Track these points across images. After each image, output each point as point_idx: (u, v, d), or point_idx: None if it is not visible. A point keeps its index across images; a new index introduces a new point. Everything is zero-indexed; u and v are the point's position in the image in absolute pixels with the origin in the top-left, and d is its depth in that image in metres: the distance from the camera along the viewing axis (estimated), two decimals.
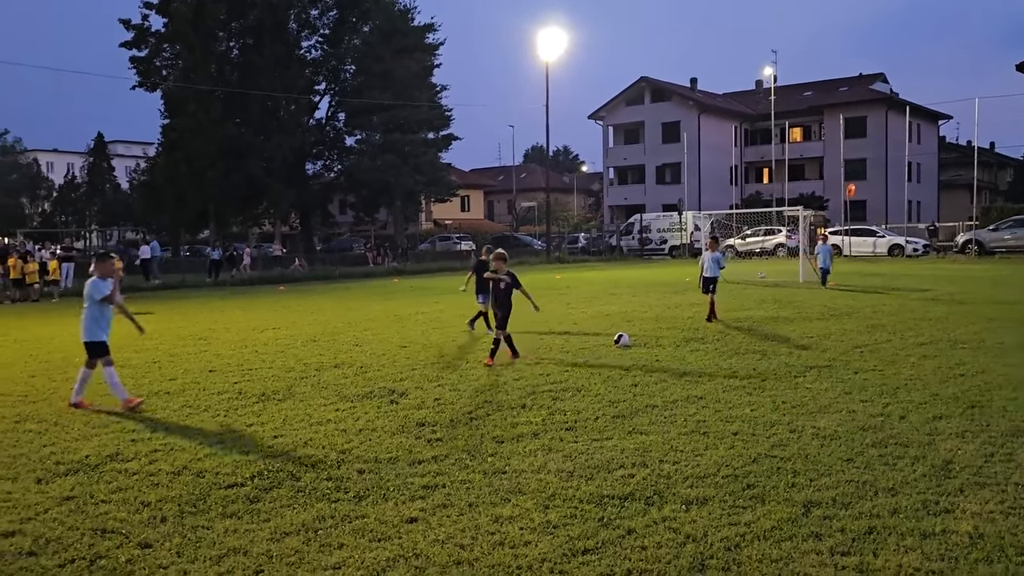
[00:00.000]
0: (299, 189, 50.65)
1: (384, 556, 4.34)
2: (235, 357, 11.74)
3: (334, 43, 53.13)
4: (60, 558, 4.42)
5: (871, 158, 62.99)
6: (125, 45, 49.33)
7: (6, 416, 8.03)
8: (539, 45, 48.69)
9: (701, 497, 5.12)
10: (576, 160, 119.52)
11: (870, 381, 8.69)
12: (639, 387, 8.70)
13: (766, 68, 63.69)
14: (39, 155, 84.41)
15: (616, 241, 55.18)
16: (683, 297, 19.83)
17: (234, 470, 5.95)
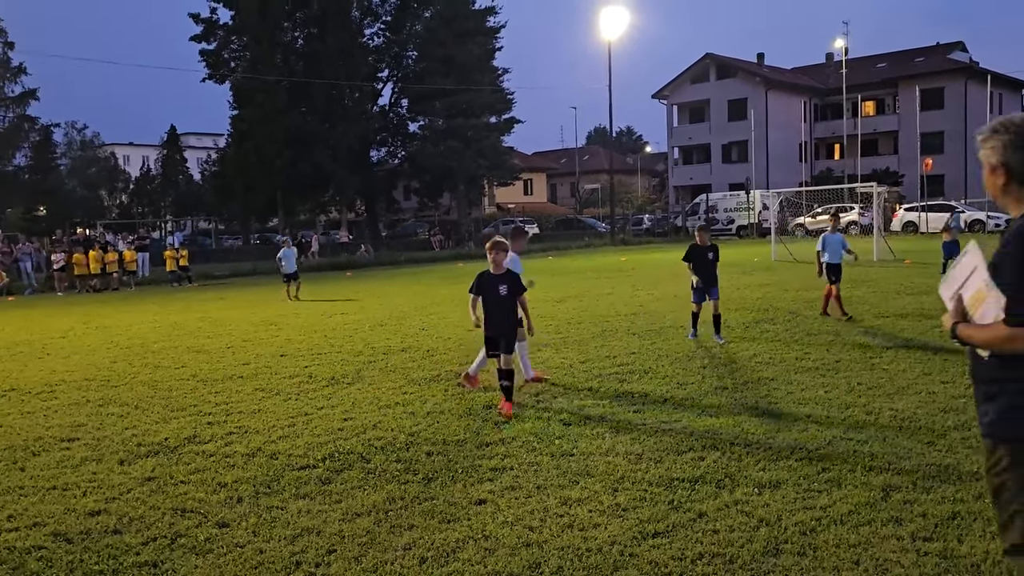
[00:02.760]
0: (364, 176, 51.28)
1: (453, 537, 4.36)
2: (305, 342, 11.97)
3: (396, 30, 53.47)
4: (143, 536, 4.57)
5: (949, 131, 60.58)
6: (195, 39, 50.59)
7: (91, 400, 8.35)
8: (601, 24, 48.14)
9: (774, 480, 5.01)
10: (640, 141, 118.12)
11: (951, 361, 8.38)
12: (707, 369, 8.56)
13: (837, 40, 61.92)
14: (116, 149, 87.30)
15: (682, 222, 54.40)
16: (751, 278, 19.45)
17: (306, 452, 6.07)
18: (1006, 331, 2.51)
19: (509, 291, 7.30)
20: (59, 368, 10.51)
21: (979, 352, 2.71)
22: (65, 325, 15.83)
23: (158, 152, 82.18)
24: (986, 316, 2.60)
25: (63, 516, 4.93)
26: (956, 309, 2.74)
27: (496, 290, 7.28)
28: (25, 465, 6.08)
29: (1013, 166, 2.66)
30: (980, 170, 2.86)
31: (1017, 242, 2.51)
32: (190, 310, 18.09)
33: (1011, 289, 2.50)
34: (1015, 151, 2.66)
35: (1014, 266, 2.51)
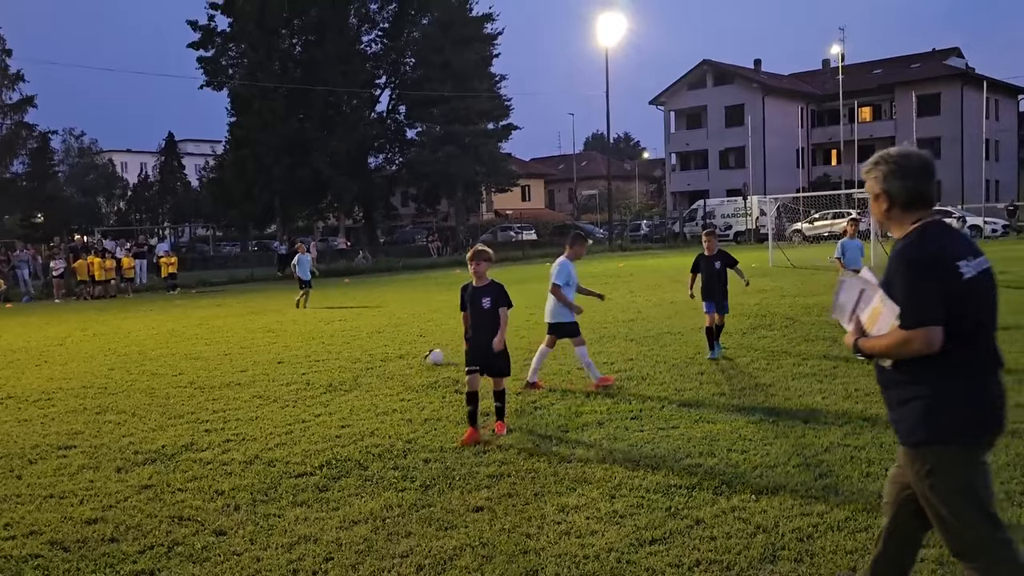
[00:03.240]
0: (362, 182, 51.31)
1: (451, 545, 4.36)
2: (303, 349, 11.97)
3: (394, 36, 53.58)
4: (140, 544, 4.57)
5: (946, 136, 60.72)
6: (192, 46, 50.65)
7: (88, 408, 8.34)
8: (598, 31, 48.26)
9: (771, 486, 5.01)
10: (637, 147, 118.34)
11: None
12: (705, 375, 8.57)
13: (833, 46, 62.10)
14: (114, 155, 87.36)
15: (679, 228, 54.43)
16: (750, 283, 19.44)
17: (303, 459, 6.06)
18: (902, 334, 2.87)
19: (493, 304, 6.63)
20: (56, 375, 10.50)
21: (882, 363, 3.03)
22: (62, 332, 15.82)
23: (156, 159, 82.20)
24: (883, 328, 2.95)
25: (60, 524, 4.93)
26: (856, 328, 3.08)
27: (479, 303, 6.63)
28: (22, 473, 6.07)
29: (893, 193, 3.04)
30: (976, 176, 2.98)
31: (900, 261, 2.92)
32: (188, 317, 18.08)
33: (902, 300, 2.87)
34: (894, 180, 3.04)
35: (901, 281, 2.89)
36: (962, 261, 2.96)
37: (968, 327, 2.94)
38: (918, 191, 3.05)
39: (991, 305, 3.07)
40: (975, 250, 3.07)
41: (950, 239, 3.04)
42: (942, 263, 2.92)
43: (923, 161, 3.11)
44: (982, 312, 3.02)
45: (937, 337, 2.85)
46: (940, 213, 8.47)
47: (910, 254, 2.95)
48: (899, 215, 3.06)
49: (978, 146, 54.87)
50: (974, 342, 2.97)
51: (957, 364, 2.92)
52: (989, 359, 3.04)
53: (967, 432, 2.93)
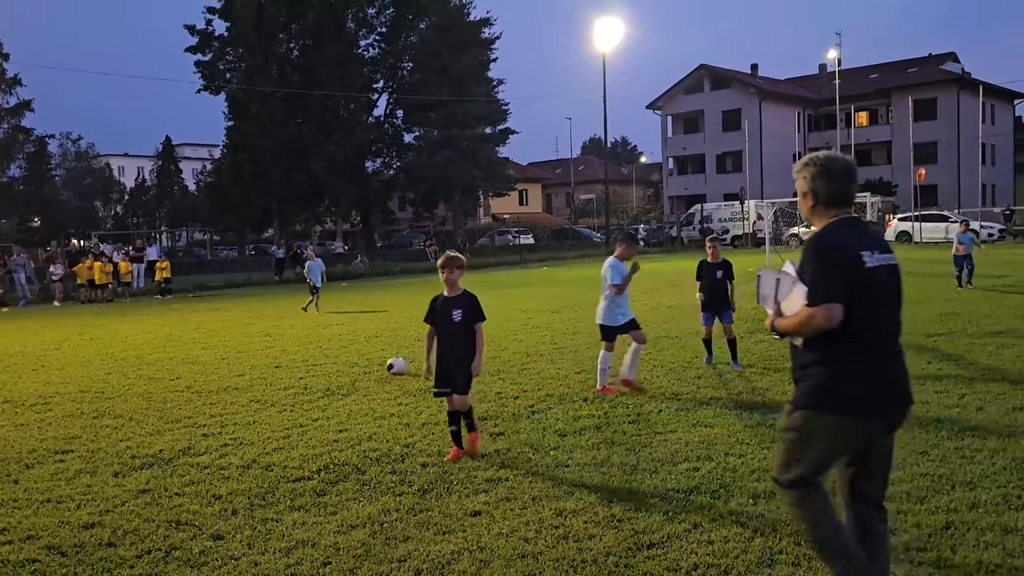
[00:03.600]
0: (359, 186, 51.37)
1: (449, 549, 4.36)
2: (300, 353, 11.96)
3: (391, 41, 53.67)
4: (137, 549, 4.56)
5: (942, 141, 60.86)
6: (190, 50, 50.71)
7: (85, 412, 8.33)
8: (596, 35, 48.32)
9: (769, 491, 5.01)
10: (635, 151, 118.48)
11: (944, 371, 8.41)
12: (702, 380, 8.58)
13: (830, 51, 62.16)
14: (111, 159, 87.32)
15: (676, 232, 54.52)
16: (746, 288, 19.42)
17: (301, 464, 6.06)
18: (806, 311, 3.26)
19: (465, 317, 6.03)
20: (53, 380, 10.48)
21: (794, 342, 3.42)
22: (59, 336, 15.79)
23: (153, 163, 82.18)
24: (794, 308, 3.35)
25: (57, 529, 4.92)
26: (776, 311, 3.48)
27: (449, 316, 6.04)
28: (19, 478, 6.06)
29: (818, 192, 3.45)
30: (973, 180, 3.05)
31: (811, 248, 3.37)
32: (185, 321, 18.06)
33: (809, 281, 3.29)
34: (820, 180, 3.43)
35: (809, 267, 3.32)
36: (866, 252, 3.32)
37: (867, 313, 3.28)
38: (840, 192, 3.45)
39: (891, 297, 3.41)
40: (882, 247, 3.42)
41: (858, 233, 3.43)
42: (846, 251, 3.31)
43: (847, 166, 3.49)
44: (881, 301, 3.35)
45: (837, 313, 3.21)
46: (938, 217, 8.32)
47: (820, 242, 3.39)
48: (821, 212, 3.47)
49: (974, 150, 54.96)
50: (871, 327, 3.31)
51: (854, 345, 3.27)
52: (885, 344, 3.36)
53: (847, 407, 3.28)
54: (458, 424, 6.11)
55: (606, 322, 8.17)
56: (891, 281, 3.41)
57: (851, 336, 3.25)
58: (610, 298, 8.08)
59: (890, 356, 3.37)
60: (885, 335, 3.37)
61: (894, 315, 3.43)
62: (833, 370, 3.30)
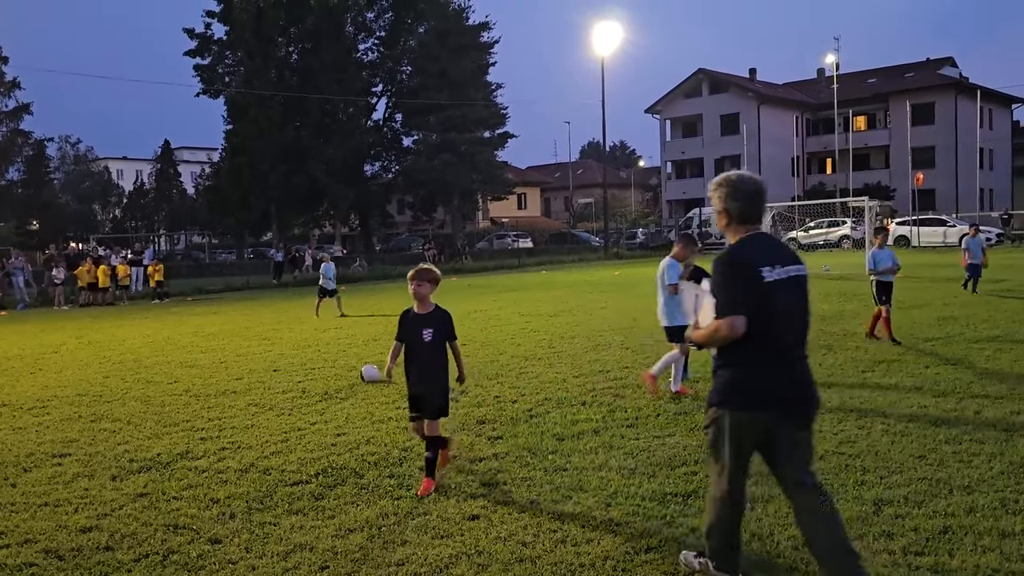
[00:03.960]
0: (358, 190, 51.39)
1: (447, 553, 4.36)
2: (298, 356, 11.96)
3: (390, 45, 53.74)
4: (135, 553, 4.56)
5: (940, 145, 60.98)
6: (189, 54, 50.78)
7: (83, 415, 8.32)
8: (594, 40, 48.41)
9: (766, 495, 5.02)
10: (633, 155, 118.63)
11: (943, 375, 8.42)
12: (700, 383, 8.58)
13: (828, 56, 62.30)
14: (110, 163, 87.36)
15: (675, 236, 54.58)
16: None
17: (299, 468, 6.06)
18: (714, 324, 3.60)
19: (436, 336, 5.54)
20: (51, 383, 10.47)
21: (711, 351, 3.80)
22: (57, 340, 15.78)
23: (152, 166, 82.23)
24: (708, 320, 3.68)
25: (54, 533, 4.92)
26: (695, 325, 3.84)
27: (419, 334, 5.53)
28: (16, 481, 6.05)
29: (731, 211, 3.74)
30: (971, 184, 3.07)
31: (716, 264, 3.67)
32: (183, 325, 18.05)
33: (716, 295, 3.62)
34: (731, 200, 3.73)
35: (715, 283, 3.65)
36: (766, 267, 3.60)
37: (768, 322, 3.57)
38: (749, 210, 3.75)
39: (794, 307, 3.69)
40: (788, 260, 3.71)
41: (761, 249, 3.69)
42: (746, 266, 3.60)
43: (756, 186, 3.78)
44: (782, 311, 3.62)
45: (740, 324, 3.52)
46: (935, 222, 8.27)
47: (724, 259, 3.68)
48: (734, 228, 3.76)
49: (972, 155, 55.06)
50: (773, 335, 3.59)
51: (757, 351, 3.58)
52: (786, 349, 3.65)
53: (749, 406, 3.64)
54: (435, 450, 5.56)
55: (672, 323, 8.04)
56: (795, 292, 3.69)
57: (754, 343, 3.56)
58: (667, 299, 8.01)
59: (793, 359, 3.67)
60: (787, 341, 3.65)
61: (797, 322, 3.71)
62: (737, 372, 3.66)
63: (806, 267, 3.79)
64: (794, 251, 3.88)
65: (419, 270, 5.69)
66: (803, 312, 3.73)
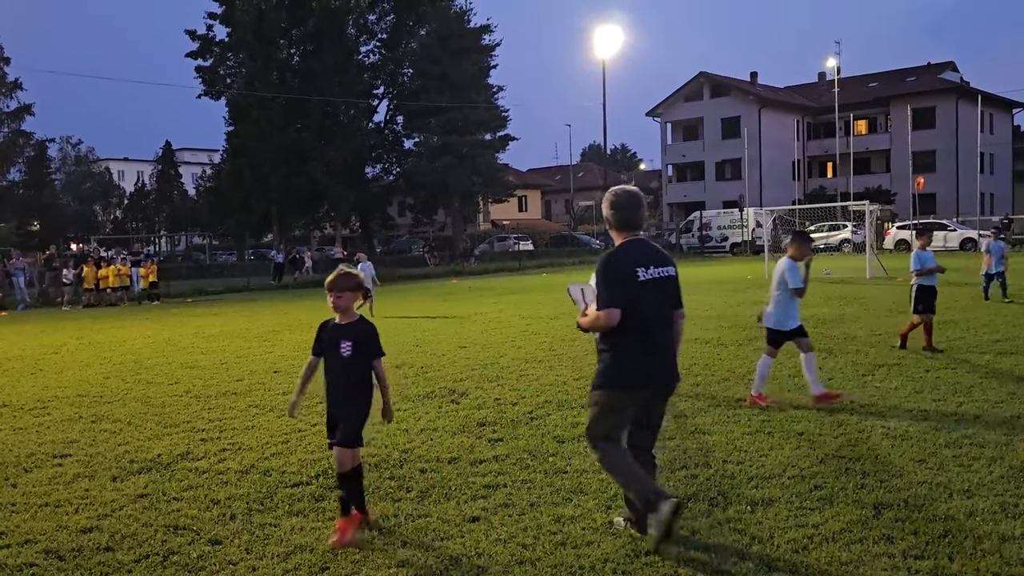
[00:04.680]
0: (359, 192, 51.43)
1: (447, 555, 4.36)
2: (299, 358, 11.95)
3: (391, 47, 53.82)
4: (135, 553, 4.56)
5: (941, 149, 61.03)
6: (191, 55, 50.89)
7: (83, 416, 8.33)
8: (596, 43, 48.45)
9: (767, 498, 5.03)
10: (634, 158, 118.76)
11: (942, 379, 8.42)
12: (701, 387, 8.59)
13: (829, 59, 62.32)
14: (111, 164, 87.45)
15: (675, 239, 54.59)
16: (745, 295, 19.51)
17: (299, 469, 6.06)
18: (595, 314, 4.31)
19: (356, 351, 4.76)
20: (52, 384, 10.48)
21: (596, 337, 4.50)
22: (58, 341, 15.79)
23: (153, 167, 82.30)
24: (592, 310, 4.39)
25: (55, 533, 4.92)
26: (583, 313, 4.49)
27: (337, 348, 4.78)
28: (17, 481, 6.05)
29: (612, 220, 4.50)
30: (971, 189, 3.08)
31: (599, 264, 4.38)
32: (183, 326, 18.06)
33: (598, 290, 4.30)
34: (611, 210, 4.47)
35: (599, 277, 4.34)
36: (640, 268, 4.30)
37: (639, 315, 4.26)
38: (626, 219, 4.45)
39: (662, 302, 4.40)
40: (659, 261, 4.40)
41: (637, 252, 4.38)
42: (623, 267, 4.29)
43: (632, 198, 4.47)
44: (652, 306, 4.33)
45: (615, 315, 4.22)
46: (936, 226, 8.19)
47: (605, 260, 4.38)
48: (615, 234, 4.50)
49: (973, 159, 55.09)
50: (643, 325, 4.29)
51: (625, 341, 4.29)
52: (655, 338, 4.35)
53: (624, 385, 4.33)
54: (349, 487, 4.73)
55: (776, 326, 7.76)
56: (664, 290, 4.39)
57: (628, 332, 4.26)
58: (782, 301, 7.66)
59: (660, 346, 4.38)
60: (655, 331, 4.36)
61: (664, 315, 4.42)
62: (614, 357, 4.34)
63: (675, 269, 4.48)
64: (668, 254, 4.54)
65: (337, 278, 4.87)
66: (670, 307, 4.47)
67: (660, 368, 4.38)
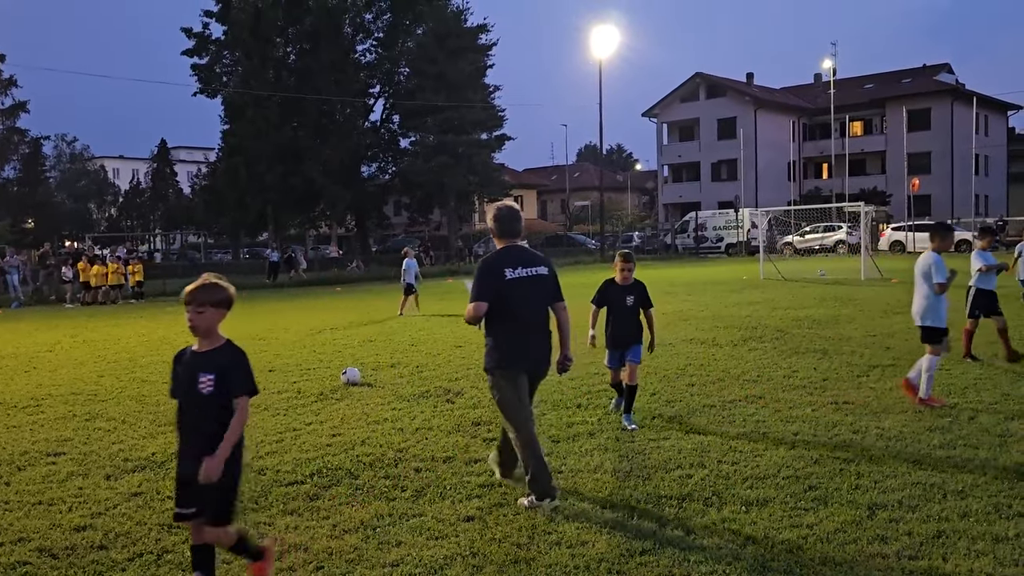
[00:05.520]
0: (355, 191, 51.33)
1: (442, 554, 4.36)
2: (294, 357, 11.95)
3: (388, 46, 53.73)
4: (129, 552, 4.55)
5: (936, 151, 61.20)
6: (187, 53, 50.74)
7: (77, 414, 8.30)
8: (592, 43, 48.49)
9: (761, 498, 5.03)
10: (630, 158, 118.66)
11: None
12: (696, 387, 8.59)
13: (825, 61, 62.71)
14: (106, 162, 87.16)
15: (671, 239, 54.64)
16: (740, 295, 19.54)
17: (294, 468, 6.05)
18: (469, 306, 5.11)
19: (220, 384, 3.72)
20: (45, 382, 10.45)
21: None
22: (52, 338, 15.74)
23: (148, 165, 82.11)
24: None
25: (48, 531, 4.91)
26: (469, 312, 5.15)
27: (194, 383, 3.72)
28: (10, 479, 6.04)
29: (493, 230, 5.32)
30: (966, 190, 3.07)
31: (477, 265, 5.31)
32: (178, 324, 17.99)
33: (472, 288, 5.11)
34: (494, 222, 5.29)
35: (474, 277, 5.16)
36: (508, 268, 5.12)
37: (508, 308, 5.09)
38: (504, 229, 5.26)
39: (531, 297, 5.19)
40: (530, 263, 5.22)
41: (509, 255, 5.20)
42: (494, 268, 5.14)
43: (511, 212, 5.31)
44: (520, 300, 5.12)
45: (482, 308, 5.06)
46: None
47: (480, 262, 5.34)
48: (497, 240, 5.29)
49: (968, 161, 55.28)
50: (513, 317, 5.12)
51: (500, 329, 5.15)
52: (525, 327, 5.18)
53: (503, 366, 5.14)
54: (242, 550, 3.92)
55: (934, 323, 7.36)
56: (533, 287, 5.18)
57: (501, 322, 5.12)
58: (931, 296, 7.35)
59: (530, 334, 5.18)
60: (525, 321, 5.15)
61: (533, 307, 5.21)
62: (492, 344, 5.18)
63: (548, 269, 5.28)
64: (542, 257, 5.35)
65: (198, 288, 3.84)
66: (542, 301, 5.25)
67: (530, 352, 5.21)
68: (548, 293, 5.26)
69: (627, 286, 7.33)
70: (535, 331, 5.19)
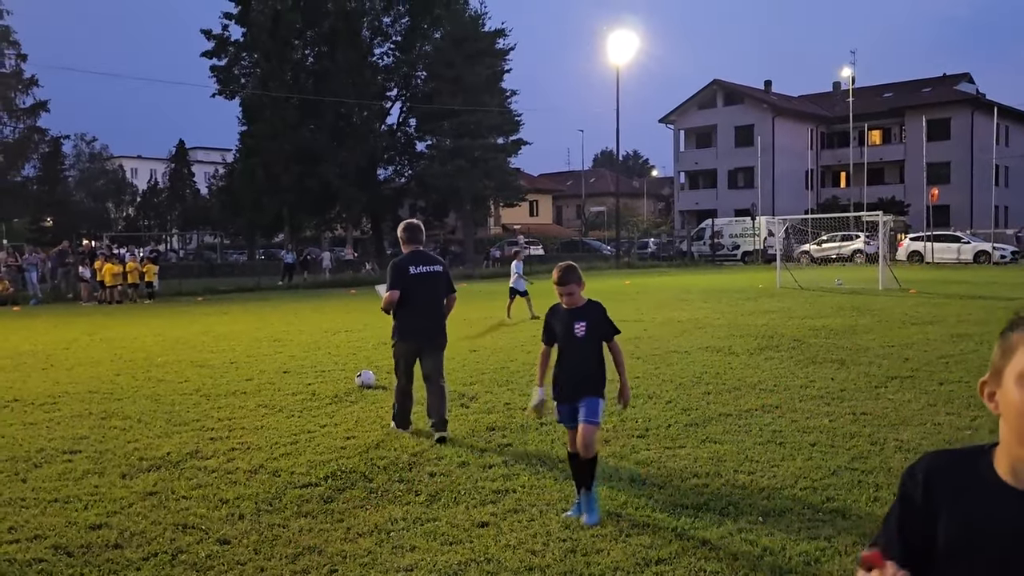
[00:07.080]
0: (371, 194, 51.48)
1: (456, 560, 4.34)
2: (309, 359, 11.97)
3: (406, 50, 53.88)
4: (144, 551, 4.56)
5: (955, 161, 60.71)
6: (206, 55, 51.06)
7: (93, 413, 8.34)
8: (610, 49, 48.44)
9: (778, 509, 4.98)
10: (646, 164, 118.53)
11: (956, 393, 8.34)
12: (712, 395, 8.54)
13: (844, 69, 62.05)
14: (124, 161, 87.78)
15: (687, 246, 54.45)
16: (756, 304, 19.42)
17: (308, 470, 6.05)
18: (386, 295, 6.94)
19: None
20: (62, 380, 10.51)
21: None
22: (69, 336, 15.85)
23: (166, 166, 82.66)
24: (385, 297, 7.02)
25: (64, 529, 4.92)
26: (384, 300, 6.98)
27: None
28: (27, 477, 6.07)
29: (402, 238, 7.14)
30: (986, 201, 3.01)
31: (390, 264, 7.11)
32: (194, 325, 18.11)
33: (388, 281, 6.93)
34: (400, 232, 7.19)
35: (388, 274, 7.02)
36: (412, 266, 6.92)
37: (410, 296, 6.86)
38: (409, 238, 7.07)
39: (427, 287, 6.96)
40: (427, 263, 7.04)
41: (413, 257, 7.02)
42: (401, 266, 6.93)
43: (413, 226, 7.17)
44: (419, 290, 6.90)
45: (395, 296, 6.86)
46: (950, 238, 7.81)
47: (391, 263, 7.08)
48: (404, 246, 7.06)
49: (988, 171, 54.77)
50: (412, 302, 6.89)
51: (405, 310, 6.91)
52: (421, 310, 6.95)
53: (400, 337, 7.05)
54: None
55: None
56: (428, 280, 6.97)
57: (404, 306, 6.89)
58: None
59: (424, 316, 6.95)
60: (420, 305, 6.93)
61: (429, 296, 6.99)
62: (396, 321, 7.01)
63: (442, 267, 7.10)
64: (437, 258, 7.26)
65: None
66: (435, 290, 7.02)
67: (424, 328, 6.97)
68: (442, 286, 7.06)
69: (575, 310, 5.12)
70: (429, 313, 6.99)
